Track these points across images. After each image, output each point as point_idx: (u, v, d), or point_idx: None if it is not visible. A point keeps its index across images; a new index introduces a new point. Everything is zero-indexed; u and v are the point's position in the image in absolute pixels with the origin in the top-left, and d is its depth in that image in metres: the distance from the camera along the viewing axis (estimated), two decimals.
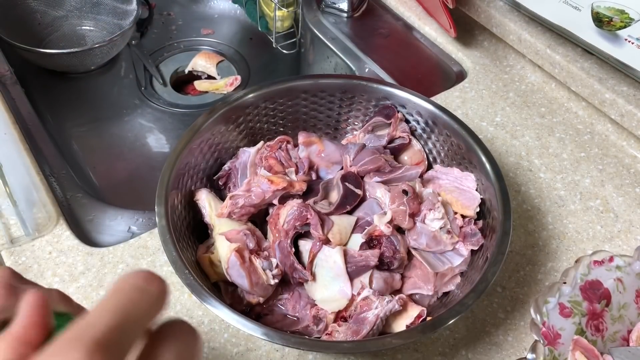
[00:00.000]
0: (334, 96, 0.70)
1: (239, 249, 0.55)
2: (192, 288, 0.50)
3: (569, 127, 0.83)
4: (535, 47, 0.86)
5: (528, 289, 0.64)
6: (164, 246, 0.53)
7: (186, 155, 0.60)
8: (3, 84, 0.87)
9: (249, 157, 0.65)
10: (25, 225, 0.65)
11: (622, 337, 0.55)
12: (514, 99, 0.86)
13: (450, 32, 0.91)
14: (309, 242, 0.57)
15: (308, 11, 1.04)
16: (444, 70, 0.95)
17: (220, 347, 0.58)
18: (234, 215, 0.59)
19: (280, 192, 0.59)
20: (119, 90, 1.04)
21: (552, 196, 0.74)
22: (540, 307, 0.50)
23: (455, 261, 0.59)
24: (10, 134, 0.76)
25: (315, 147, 0.66)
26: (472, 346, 0.59)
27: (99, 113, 1.00)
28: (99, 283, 0.62)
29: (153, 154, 0.95)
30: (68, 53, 0.94)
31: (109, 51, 0.99)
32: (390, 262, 0.57)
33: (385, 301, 0.54)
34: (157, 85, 1.05)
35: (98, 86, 1.03)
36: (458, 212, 0.62)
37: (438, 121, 0.66)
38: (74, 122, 0.97)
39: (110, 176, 0.90)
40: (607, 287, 0.54)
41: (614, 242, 0.69)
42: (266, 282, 0.55)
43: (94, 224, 0.70)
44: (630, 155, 0.79)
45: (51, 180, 0.74)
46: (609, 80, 0.80)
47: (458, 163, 0.65)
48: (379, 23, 1.03)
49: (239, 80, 1.07)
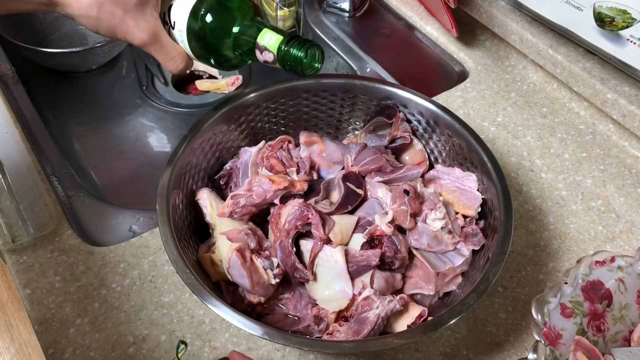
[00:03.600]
0: (335, 96, 0.70)
1: (240, 248, 0.55)
2: (194, 287, 0.50)
3: (570, 128, 0.83)
4: (537, 47, 0.86)
5: (529, 289, 0.64)
6: (165, 245, 0.53)
7: (187, 154, 0.60)
8: (5, 83, 0.88)
9: (250, 156, 0.65)
10: (27, 224, 0.66)
11: (623, 338, 0.54)
12: (516, 99, 0.86)
13: (452, 32, 0.91)
14: (310, 242, 0.57)
15: (309, 11, 1.04)
16: (445, 70, 0.95)
17: (221, 346, 0.58)
18: (235, 214, 0.59)
19: (282, 192, 0.59)
20: (120, 89, 1.04)
21: (554, 196, 0.74)
22: (541, 308, 0.50)
23: (457, 261, 0.59)
24: (12, 133, 0.76)
25: (317, 147, 0.66)
26: (473, 346, 0.59)
27: (100, 112, 1.00)
28: (100, 282, 0.62)
29: (154, 154, 0.95)
30: (70, 52, 0.94)
31: (111, 50, 0.99)
32: (392, 262, 0.57)
33: (386, 301, 0.54)
34: (158, 85, 1.05)
35: (99, 85, 1.03)
36: (459, 212, 0.61)
37: (439, 121, 0.66)
38: (75, 122, 0.97)
39: (111, 175, 0.90)
40: (608, 287, 0.54)
41: (616, 242, 0.69)
42: (267, 281, 0.55)
43: (95, 223, 0.70)
44: (632, 155, 0.79)
45: (52, 179, 0.74)
46: (610, 81, 0.80)
47: (459, 163, 0.65)
48: (380, 23, 1.03)
49: (241, 80, 1.07)
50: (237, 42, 0.55)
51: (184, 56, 0.56)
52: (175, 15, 0.54)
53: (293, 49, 0.53)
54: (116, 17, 0.50)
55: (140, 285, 0.62)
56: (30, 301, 0.60)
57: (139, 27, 0.51)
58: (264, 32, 0.53)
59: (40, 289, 0.61)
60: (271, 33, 0.54)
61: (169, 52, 0.55)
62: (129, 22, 0.51)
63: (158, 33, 0.53)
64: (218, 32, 0.54)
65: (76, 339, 0.58)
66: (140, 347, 0.58)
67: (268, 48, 0.53)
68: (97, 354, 0.57)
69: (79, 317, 0.59)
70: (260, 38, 0.53)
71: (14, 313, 0.61)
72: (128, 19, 0.51)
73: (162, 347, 0.57)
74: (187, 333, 0.59)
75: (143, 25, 0.51)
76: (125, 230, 0.70)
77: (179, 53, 0.55)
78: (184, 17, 0.53)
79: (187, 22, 0.53)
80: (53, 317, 0.59)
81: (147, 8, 0.51)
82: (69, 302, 0.60)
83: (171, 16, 0.54)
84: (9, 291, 0.63)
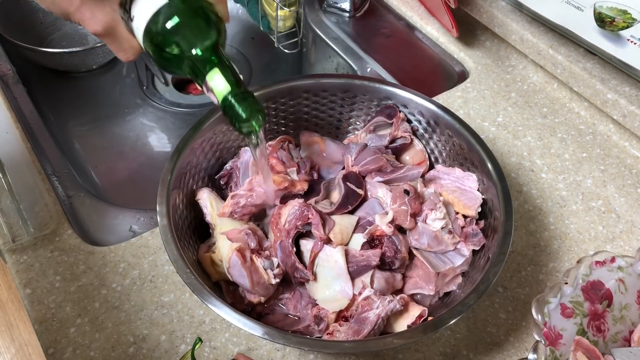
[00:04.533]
0: (335, 96, 0.70)
1: (241, 248, 0.55)
2: (194, 287, 0.50)
3: (571, 128, 0.83)
4: (538, 47, 0.86)
5: (529, 289, 0.64)
6: (165, 245, 0.53)
7: (188, 154, 0.60)
8: (5, 83, 0.88)
9: (250, 156, 0.65)
10: (27, 224, 0.66)
11: (623, 338, 0.54)
12: (516, 99, 0.86)
13: (452, 32, 0.91)
14: (310, 242, 0.57)
15: (310, 11, 1.04)
16: (445, 70, 0.95)
17: (221, 346, 0.58)
18: (235, 214, 0.59)
19: (282, 192, 0.59)
20: (120, 89, 1.04)
21: (554, 196, 0.74)
22: (541, 308, 0.50)
23: (457, 261, 0.59)
24: (13, 133, 0.76)
25: (317, 147, 0.66)
26: (473, 346, 0.59)
27: (100, 112, 1.00)
28: (101, 282, 0.62)
29: (155, 153, 0.96)
30: (70, 52, 0.94)
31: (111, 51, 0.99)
32: (392, 262, 0.57)
33: (386, 301, 0.54)
34: (158, 85, 1.05)
35: (100, 85, 1.03)
36: (460, 212, 0.61)
37: (440, 121, 0.66)
38: (75, 121, 0.97)
39: (111, 175, 0.90)
40: (608, 287, 0.54)
41: (616, 242, 0.69)
42: (267, 281, 0.55)
43: (95, 223, 0.70)
44: (633, 155, 0.79)
45: (53, 179, 0.74)
46: (611, 81, 0.80)
47: (460, 163, 0.65)
48: (380, 23, 1.03)
49: None
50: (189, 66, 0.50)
51: (136, 49, 0.53)
52: (136, 10, 0.50)
53: (237, 106, 0.48)
54: (72, 5, 0.48)
55: (140, 285, 0.62)
56: (30, 301, 0.60)
57: (94, 19, 0.49)
58: (214, 73, 0.48)
59: (41, 288, 0.61)
60: (220, 77, 0.48)
61: (122, 44, 0.52)
62: (84, 12, 0.49)
63: (114, 27, 0.50)
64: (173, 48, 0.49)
65: (76, 338, 0.58)
66: (141, 346, 0.58)
67: (214, 91, 0.49)
68: (97, 354, 0.57)
69: (79, 317, 0.59)
70: (209, 78, 0.48)
71: (14, 313, 0.61)
72: (84, 9, 0.49)
73: (162, 347, 0.58)
74: (187, 333, 0.59)
75: (99, 17, 0.49)
76: (125, 230, 0.70)
77: (132, 46, 0.52)
78: (144, 19, 0.49)
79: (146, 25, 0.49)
80: (53, 317, 0.59)
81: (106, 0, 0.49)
82: (69, 301, 0.60)
83: (132, 9, 0.50)
84: (9, 291, 0.63)
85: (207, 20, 0.49)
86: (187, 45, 0.48)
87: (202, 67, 0.48)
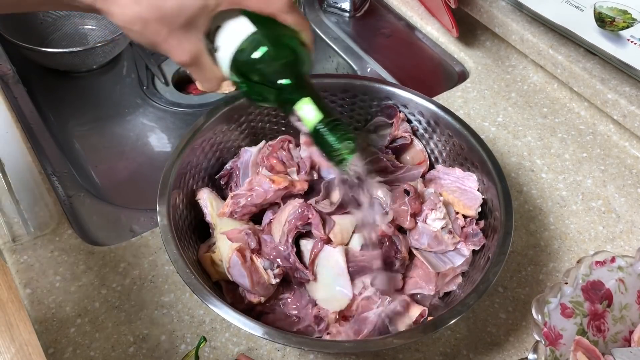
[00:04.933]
0: (335, 96, 0.70)
1: (241, 248, 0.55)
2: (194, 287, 0.50)
3: (571, 128, 0.83)
4: (538, 47, 0.86)
5: (529, 289, 0.64)
6: (165, 245, 0.53)
7: (188, 154, 0.60)
8: (5, 82, 0.88)
9: (250, 156, 0.65)
10: (27, 224, 0.66)
11: (623, 338, 0.54)
12: (516, 99, 0.86)
13: (453, 32, 0.91)
14: (311, 242, 0.57)
15: (310, 11, 1.04)
16: (446, 70, 0.95)
17: (221, 346, 0.58)
18: (235, 214, 0.59)
19: (282, 192, 0.59)
20: (121, 89, 1.04)
21: (554, 196, 0.74)
22: (541, 308, 0.50)
23: (457, 261, 0.59)
24: (13, 132, 0.76)
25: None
26: (473, 346, 0.59)
27: (101, 112, 1.00)
28: (101, 282, 0.62)
29: (155, 153, 0.95)
30: (70, 52, 0.94)
31: (111, 50, 0.99)
32: (392, 262, 0.57)
33: (386, 301, 0.54)
34: (159, 85, 1.05)
35: (100, 85, 1.03)
36: (460, 212, 0.62)
37: (440, 121, 0.66)
38: (76, 121, 0.97)
39: (112, 175, 0.90)
40: (608, 287, 0.54)
41: (616, 242, 0.69)
42: (267, 281, 0.55)
43: (95, 223, 0.70)
44: (633, 155, 0.79)
45: (53, 179, 0.74)
46: (611, 81, 0.80)
47: (460, 163, 0.65)
48: (381, 23, 1.03)
49: None
50: (277, 95, 0.49)
51: (219, 79, 0.53)
52: (220, 41, 0.49)
53: (327, 135, 0.47)
54: (159, 35, 0.48)
55: (140, 285, 0.62)
56: (30, 301, 0.60)
57: (181, 48, 0.49)
58: (303, 102, 0.47)
59: (41, 288, 0.61)
60: (310, 107, 0.47)
61: (206, 74, 0.52)
62: (171, 42, 0.48)
63: (199, 57, 0.50)
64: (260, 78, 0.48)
65: (76, 338, 0.58)
66: (141, 346, 0.58)
67: (303, 120, 0.48)
68: (97, 354, 0.57)
69: (79, 317, 0.59)
70: (299, 107, 0.47)
71: (15, 313, 0.61)
72: (171, 39, 0.48)
73: (162, 347, 0.58)
74: (187, 333, 0.59)
75: (186, 46, 0.49)
76: (125, 230, 0.70)
77: (216, 77, 0.52)
78: (230, 49, 0.49)
79: (232, 55, 0.49)
80: (53, 317, 0.59)
81: (192, 30, 0.48)
82: (69, 301, 0.60)
83: (216, 40, 0.50)
84: (10, 291, 0.63)
85: (294, 49, 0.48)
86: (275, 75, 0.47)
87: (291, 96, 0.48)
